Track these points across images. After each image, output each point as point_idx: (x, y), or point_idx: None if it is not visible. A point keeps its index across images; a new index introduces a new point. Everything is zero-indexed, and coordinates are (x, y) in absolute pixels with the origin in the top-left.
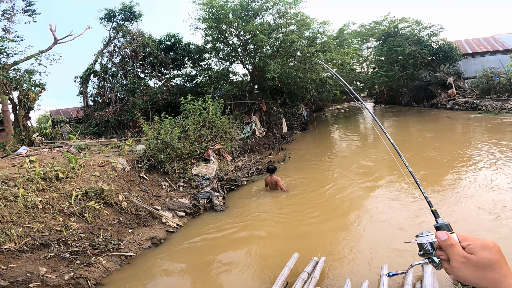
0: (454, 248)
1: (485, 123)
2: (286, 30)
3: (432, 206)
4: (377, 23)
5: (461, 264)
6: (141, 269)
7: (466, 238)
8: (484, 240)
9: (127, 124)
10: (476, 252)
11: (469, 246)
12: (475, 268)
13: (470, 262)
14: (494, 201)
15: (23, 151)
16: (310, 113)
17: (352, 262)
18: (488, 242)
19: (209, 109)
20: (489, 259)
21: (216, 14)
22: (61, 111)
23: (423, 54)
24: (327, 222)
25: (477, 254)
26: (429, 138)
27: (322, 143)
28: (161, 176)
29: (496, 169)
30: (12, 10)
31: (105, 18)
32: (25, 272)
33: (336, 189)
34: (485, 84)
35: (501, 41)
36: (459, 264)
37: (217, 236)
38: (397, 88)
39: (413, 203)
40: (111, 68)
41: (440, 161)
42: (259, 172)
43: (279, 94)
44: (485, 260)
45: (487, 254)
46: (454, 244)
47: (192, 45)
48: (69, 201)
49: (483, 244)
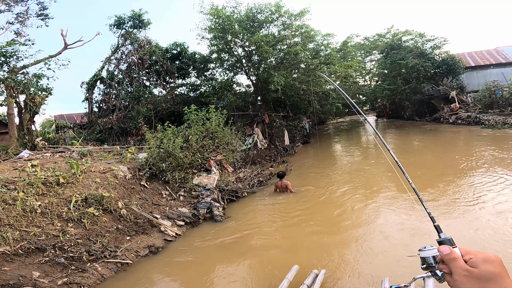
0: (457, 262)
1: (490, 138)
2: (290, 42)
3: (435, 222)
4: (380, 35)
5: (463, 278)
6: (137, 277)
7: (468, 252)
8: (486, 254)
9: (130, 132)
10: (478, 266)
11: (471, 259)
12: (477, 281)
13: (472, 275)
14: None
15: (25, 155)
16: (313, 126)
17: (353, 275)
18: (490, 255)
19: (212, 120)
20: (491, 272)
21: (223, 25)
22: (65, 116)
23: (426, 67)
24: (327, 234)
25: (479, 267)
26: (432, 155)
27: (324, 157)
28: (161, 184)
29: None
30: (26, 14)
31: (115, 25)
32: (17, 275)
33: (337, 202)
34: (488, 98)
35: (504, 54)
36: (461, 278)
37: (216, 246)
38: (400, 102)
39: (415, 217)
40: (117, 75)
41: (445, 176)
42: (260, 184)
43: (281, 106)
44: (487, 273)
45: (489, 267)
46: (457, 257)
47: (197, 54)
48: (68, 207)
49: (485, 257)
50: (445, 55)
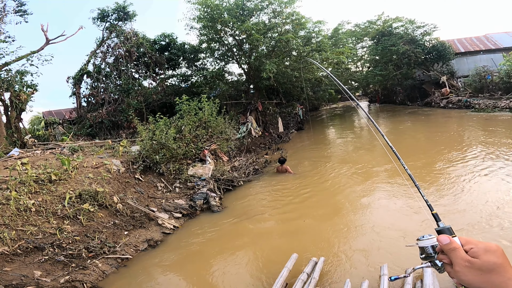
0: (457, 252)
1: (481, 120)
2: (281, 30)
3: (433, 210)
4: (371, 22)
5: (464, 268)
6: (138, 272)
7: (468, 242)
8: (487, 243)
9: (121, 125)
10: (479, 256)
11: (472, 249)
12: (479, 272)
13: (474, 266)
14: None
15: (15, 153)
16: (306, 113)
17: (352, 262)
18: (491, 245)
19: (205, 109)
20: (493, 263)
21: (211, 14)
22: (54, 112)
23: (417, 53)
24: (326, 222)
25: (480, 257)
26: (426, 137)
27: (318, 143)
28: (156, 177)
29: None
30: (3, 11)
31: (98, 18)
32: (19, 275)
33: (333, 189)
34: (478, 83)
35: (494, 40)
36: (462, 268)
37: (215, 237)
38: (392, 87)
39: (413, 203)
40: (104, 69)
41: (441, 161)
42: (256, 172)
43: (274, 94)
44: (489, 263)
45: (491, 258)
46: (457, 248)
47: (187, 45)
48: (62, 204)
49: (487, 247)
50: (435, 41)
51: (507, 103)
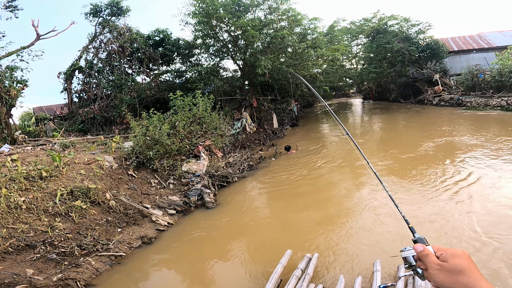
0: (429, 257)
1: (475, 119)
2: (277, 26)
3: (409, 223)
4: (366, 20)
5: (436, 271)
6: (132, 269)
7: (439, 249)
8: (454, 249)
9: (114, 121)
10: (448, 260)
11: (442, 255)
12: (448, 273)
13: (444, 268)
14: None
15: (6, 150)
16: (301, 109)
17: (345, 258)
18: (457, 250)
19: (199, 105)
20: (460, 265)
21: (207, 9)
22: (44, 108)
23: (411, 51)
24: (320, 219)
25: (449, 261)
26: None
27: (313, 139)
28: (150, 173)
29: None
30: None
31: (91, 13)
32: (11, 274)
33: (327, 185)
34: (470, 81)
35: (487, 39)
36: (434, 271)
37: (209, 233)
38: (385, 85)
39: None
40: (96, 64)
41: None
42: (250, 168)
43: (269, 90)
44: (456, 266)
45: (458, 261)
46: (429, 254)
47: (181, 40)
48: (54, 201)
49: (453, 252)
50: (429, 40)
51: (499, 101)
